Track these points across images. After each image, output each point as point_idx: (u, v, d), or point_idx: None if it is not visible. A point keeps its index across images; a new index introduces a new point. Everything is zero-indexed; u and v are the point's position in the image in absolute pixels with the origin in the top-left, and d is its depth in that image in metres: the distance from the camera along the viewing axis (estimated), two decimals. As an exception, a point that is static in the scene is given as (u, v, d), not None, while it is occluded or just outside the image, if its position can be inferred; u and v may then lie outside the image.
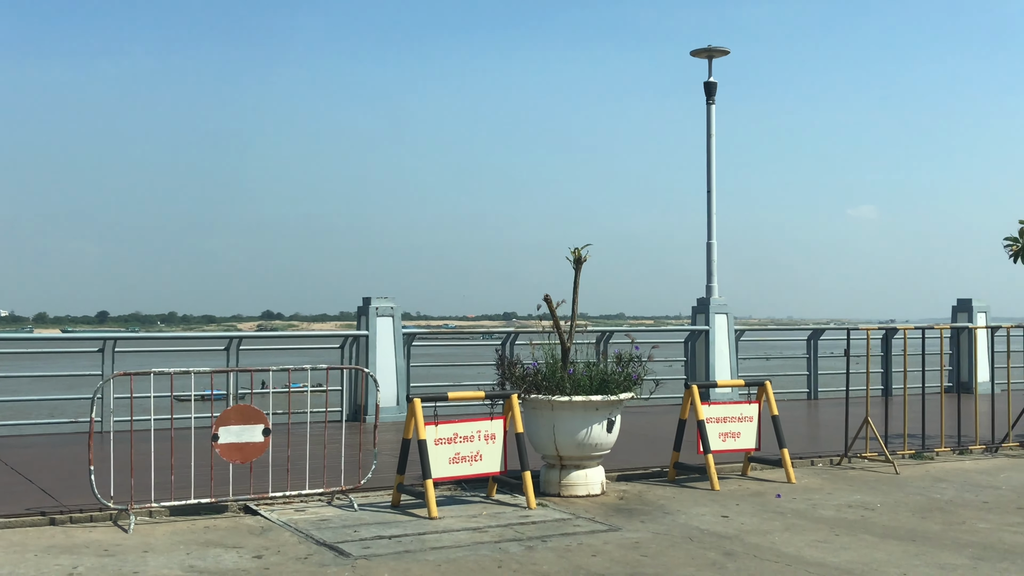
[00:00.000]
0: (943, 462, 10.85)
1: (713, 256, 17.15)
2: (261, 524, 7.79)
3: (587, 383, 8.86)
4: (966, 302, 19.06)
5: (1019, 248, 11.82)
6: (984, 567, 6.55)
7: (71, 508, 7.96)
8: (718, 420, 9.69)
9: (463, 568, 6.50)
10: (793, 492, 9.13)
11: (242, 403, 8.54)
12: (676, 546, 7.11)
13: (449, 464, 8.37)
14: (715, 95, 17.12)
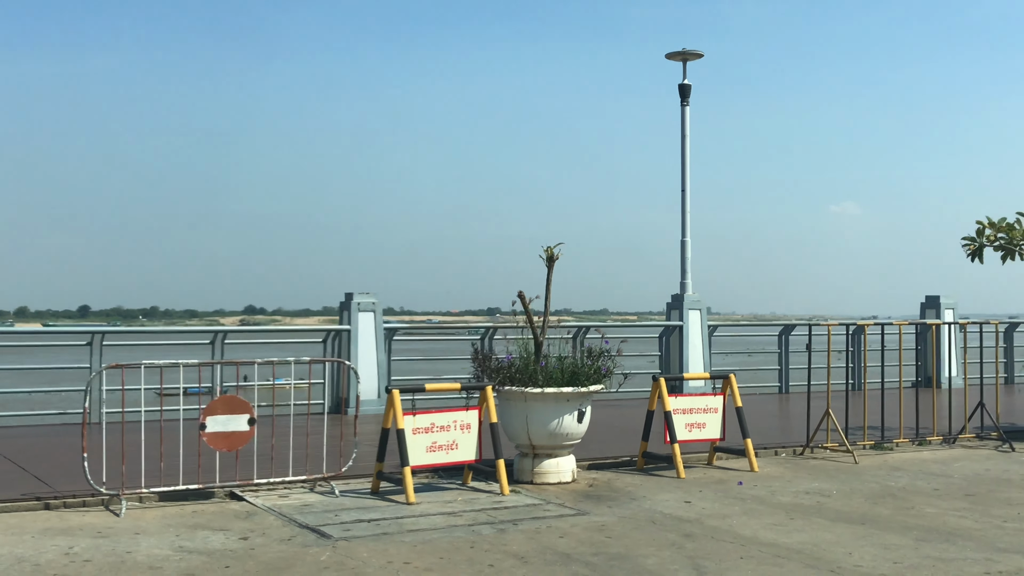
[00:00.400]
0: (901, 453, 11.33)
1: (687, 254, 17.60)
2: (246, 509, 8.18)
3: (559, 376, 9.29)
4: (934, 299, 19.60)
5: (976, 247, 12.29)
6: (925, 547, 7.01)
7: (65, 494, 8.33)
8: (684, 411, 10.13)
9: (438, 548, 6.91)
10: (755, 480, 9.58)
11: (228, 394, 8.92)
12: (639, 529, 7.54)
13: (426, 452, 8.78)
14: (689, 97, 17.57)
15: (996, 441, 11.94)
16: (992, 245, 12.26)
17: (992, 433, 12.07)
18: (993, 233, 12.17)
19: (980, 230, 12.27)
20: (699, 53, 17.43)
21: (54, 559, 6.58)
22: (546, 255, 9.57)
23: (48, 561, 6.53)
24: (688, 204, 17.65)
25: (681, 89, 17.67)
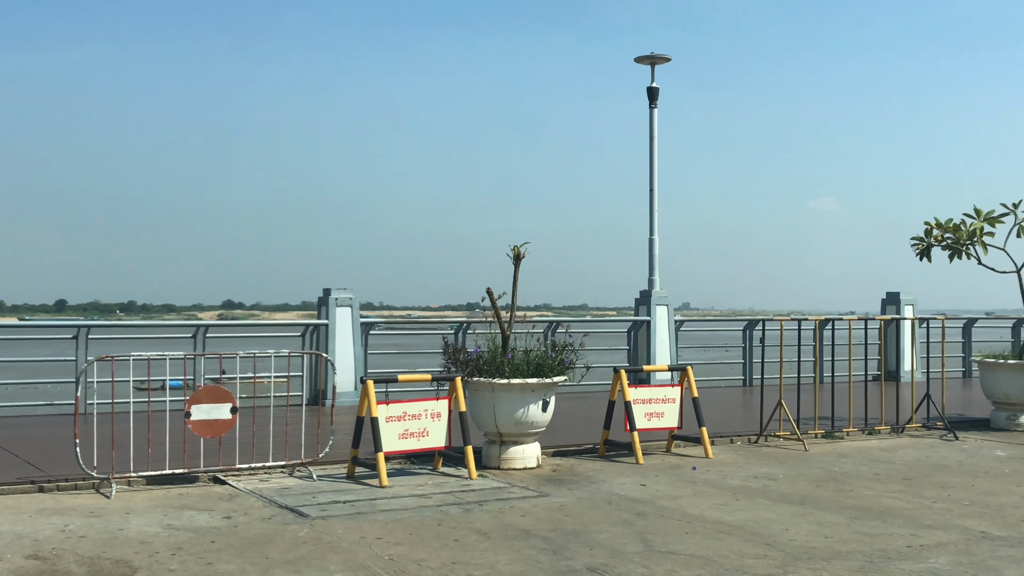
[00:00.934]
0: (851, 441, 11.98)
1: (655, 251, 18.21)
2: (229, 492, 8.71)
3: (524, 367, 9.86)
4: (895, 295, 20.28)
5: (924, 247, 12.95)
6: (857, 524, 7.62)
7: (57, 478, 8.84)
8: (644, 401, 10.73)
9: (408, 526, 7.47)
10: (708, 465, 10.19)
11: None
12: (596, 508, 8.12)
13: (399, 439, 9.34)
14: (657, 100, 18.17)
15: (942, 431, 12.60)
16: (940, 245, 12.92)
17: (938, 423, 12.73)
18: (940, 233, 12.83)
19: (928, 231, 12.93)
20: (667, 57, 18.02)
21: (51, 535, 7.10)
22: (513, 254, 10.14)
23: (46, 537, 7.05)
24: (656, 203, 18.25)
25: (649, 92, 18.27)
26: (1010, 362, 12.94)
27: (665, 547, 6.89)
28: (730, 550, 6.80)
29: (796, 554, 6.72)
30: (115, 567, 6.32)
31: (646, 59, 18.09)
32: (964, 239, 12.71)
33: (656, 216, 18.26)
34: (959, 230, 12.70)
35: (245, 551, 6.73)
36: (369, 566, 6.36)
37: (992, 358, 13.25)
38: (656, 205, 18.22)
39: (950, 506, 8.31)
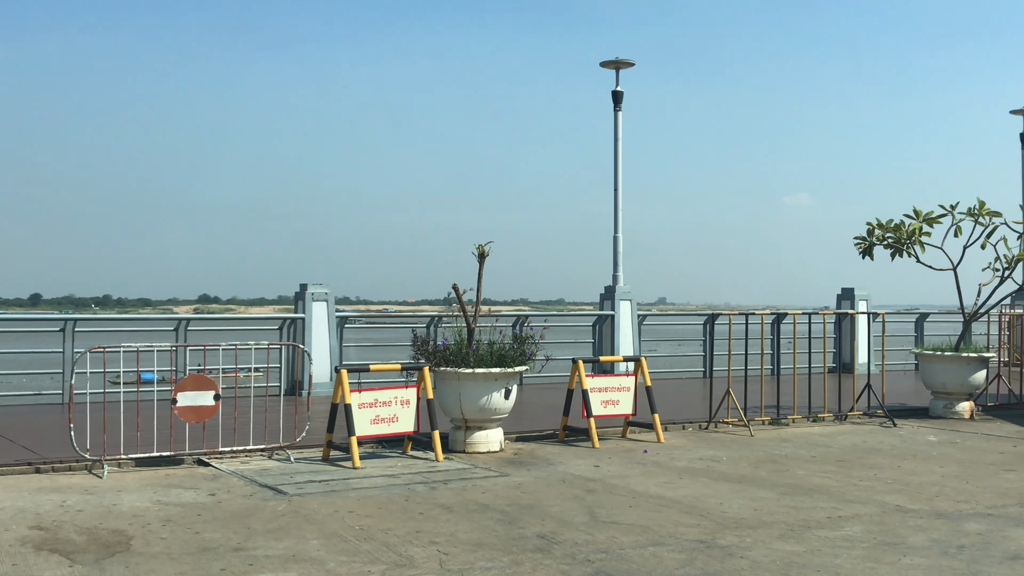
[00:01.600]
0: (795, 428, 12.79)
1: (619, 248, 18.97)
2: (213, 472, 9.41)
3: (488, 358, 10.60)
4: (849, 291, 21.13)
5: (867, 246, 13.77)
6: (786, 499, 8.41)
7: (52, 460, 9.50)
8: (600, 390, 11.49)
9: (377, 501, 8.19)
10: (659, 449, 10.96)
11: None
12: (551, 486, 8.87)
13: (371, 424, 10.06)
14: (622, 103, 18.93)
15: (882, 418, 13.43)
16: (881, 244, 13.74)
17: (879, 411, 13.56)
18: (882, 233, 13.64)
19: (870, 230, 13.74)
20: (631, 62, 18.78)
21: (51, 510, 7.78)
22: (478, 252, 10.86)
23: (46, 511, 7.72)
24: (620, 203, 19.02)
25: (614, 95, 19.03)
26: (947, 354, 13.78)
27: (609, 518, 7.64)
28: (667, 520, 7.57)
29: (726, 523, 7.49)
30: (112, 536, 7.01)
31: (611, 64, 18.85)
32: (904, 238, 13.52)
33: (620, 215, 19.03)
34: (899, 230, 13.52)
35: (229, 522, 7.43)
36: (341, 534, 7.08)
37: (930, 350, 14.11)
38: (620, 204, 18.99)
39: (874, 484, 9.11)
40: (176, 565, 6.28)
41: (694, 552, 6.65)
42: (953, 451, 11.09)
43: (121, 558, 6.44)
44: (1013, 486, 9.09)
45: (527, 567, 6.27)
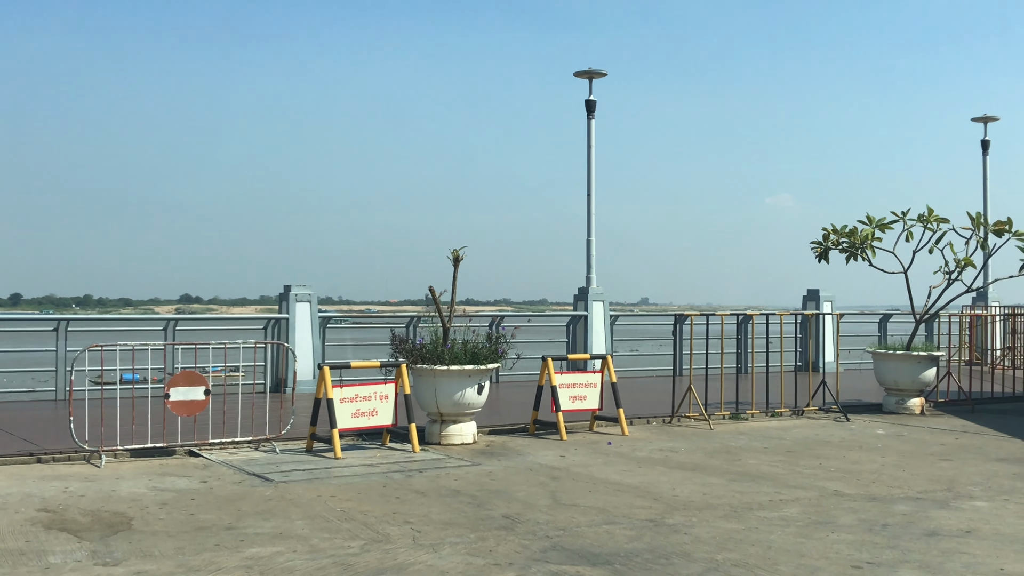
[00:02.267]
0: (753, 422, 13.53)
1: (592, 251, 19.66)
2: (204, 462, 10.06)
3: (462, 356, 11.28)
4: (814, 292, 21.92)
5: (822, 250, 14.52)
6: (734, 485, 9.13)
7: (52, 451, 10.13)
8: (568, 386, 12.19)
9: (357, 488, 8.87)
10: (623, 441, 11.68)
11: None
12: (518, 474, 9.57)
13: (351, 418, 10.73)
14: (595, 112, 19.65)
15: (837, 413, 14.18)
16: (837, 248, 14.50)
17: (833, 407, 14.32)
18: (836, 238, 14.40)
19: (826, 235, 14.50)
20: (603, 72, 19.50)
21: (55, 495, 8.42)
22: (452, 257, 11.55)
23: (51, 496, 8.37)
24: (593, 207, 19.72)
25: (587, 104, 19.74)
26: (898, 353, 14.56)
27: (570, 501, 8.35)
28: (622, 503, 8.28)
29: (675, 506, 8.20)
30: (113, 517, 7.67)
31: (584, 74, 19.56)
32: (858, 243, 14.28)
33: (593, 220, 19.73)
34: (853, 235, 14.28)
35: (221, 506, 8.09)
36: (324, 516, 7.76)
37: (883, 350, 14.88)
38: (593, 209, 19.69)
39: (817, 472, 9.85)
40: (175, 541, 6.94)
41: (643, 529, 7.36)
42: (897, 443, 11.85)
43: (124, 536, 7.09)
44: (945, 474, 9.85)
45: (491, 542, 6.97)
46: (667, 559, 6.53)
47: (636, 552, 6.70)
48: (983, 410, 15.10)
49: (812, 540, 7.09)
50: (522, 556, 6.59)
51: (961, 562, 6.53)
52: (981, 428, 13.14)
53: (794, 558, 6.59)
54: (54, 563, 6.37)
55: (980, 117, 24.98)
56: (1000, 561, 6.57)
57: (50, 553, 6.61)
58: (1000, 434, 12.61)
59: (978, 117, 24.98)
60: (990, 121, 24.97)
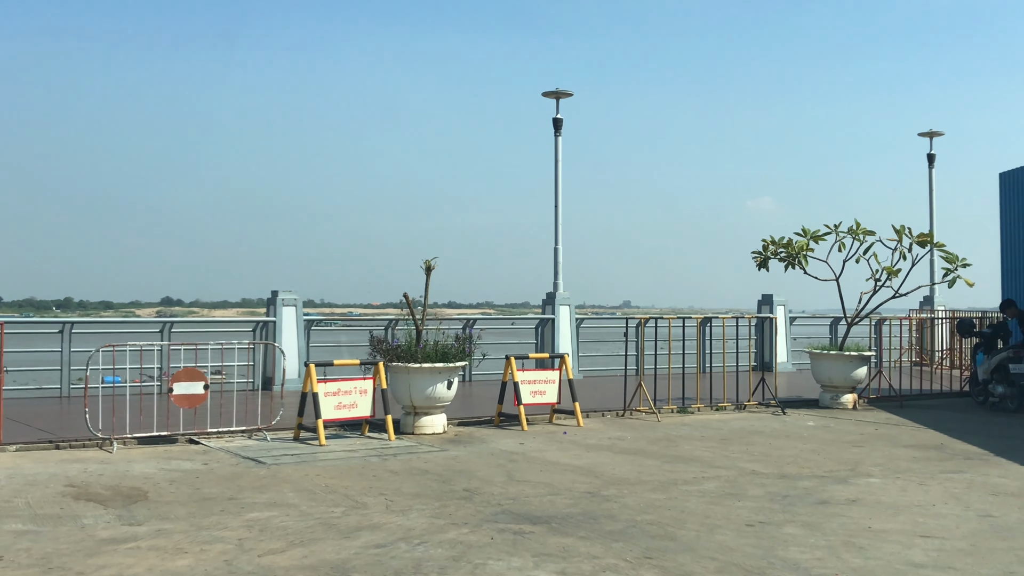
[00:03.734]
0: (698, 415, 14.95)
1: (559, 259, 21.08)
2: (203, 449, 11.39)
3: (433, 355, 12.65)
4: (768, 296, 23.40)
5: (762, 259, 15.97)
6: (666, 465, 10.54)
7: (68, 439, 11.44)
8: (529, 382, 13.58)
9: (339, 468, 10.23)
10: (577, 431, 13.06)
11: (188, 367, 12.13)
12: (480, 458, 10.95)
13: (334, 410, 12.08)
14: (561, 129, 21.08)
15: (775, 407, 15.62)
16: (776, 257, 15.95)
17: (772, 401, 15.76)
18: (775, 248, 15.85)
19: (765, 246, 15.95)
20: (569, 92, 20.92)
21: (77, 474, 9.74)
22: (424, 266, 12.92)
23: (74, 475, 9.69)
24: (560, 218, 21.15)
25: (555, 122, 21.16)
26: (831, 353, 16.01)
27: (522, 478, 9.73)
28: (567, 479, 9.67)
29: (612, 482, 9.60)
30: (131, 490, 9.00)
31: (552, 94, 20.97)
32: (794, 253, 15.73)
33: (560, 229, 21.16)
34: (790, 246, 15.73)
35: (222, 482, 9.43)
36: (311, 489, 9.11)
37: (819, 350, 16.34)
38: (560, 220, 21.12)
39: (742, 456, 11.27)
40: (186, 508, 8.28)
41: (580, 499, 8.75)
42: (822, 433, 13.29)
43: (142, 504, 8.43)
44: (854, 457, 11.28)
45: (452, 508, 8.34)
46: (595, 520, 7.92)
47: (571, 515, 8.09)
48: (912, 405, 16.57)
49: (719, 507, 8.49)
50: (476, 518, 7.96)
51: (838, 522, 7.95)
52: (902, 420, 14.60)
53: (700, 519, 7.99)
54: (88, 524, 7.70)
55: (926, 132, 26.51)
56: (870, 522, 7.99)
57: (83, 517, 7.94)
58: (917, 425, 14.07)
59: (924, 132, 26.51)
60: (935, 136, 26.50)
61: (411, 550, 6.93)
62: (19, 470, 9.93)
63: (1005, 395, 15.81)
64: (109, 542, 7.14)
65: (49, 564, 6.55)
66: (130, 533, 7.41)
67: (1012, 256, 17.78)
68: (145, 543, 7.10)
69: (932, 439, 12.75)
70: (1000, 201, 18.21)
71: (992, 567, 6.67)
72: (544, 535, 7.39)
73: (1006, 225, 17.99)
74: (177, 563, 6.58)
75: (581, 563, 6.62)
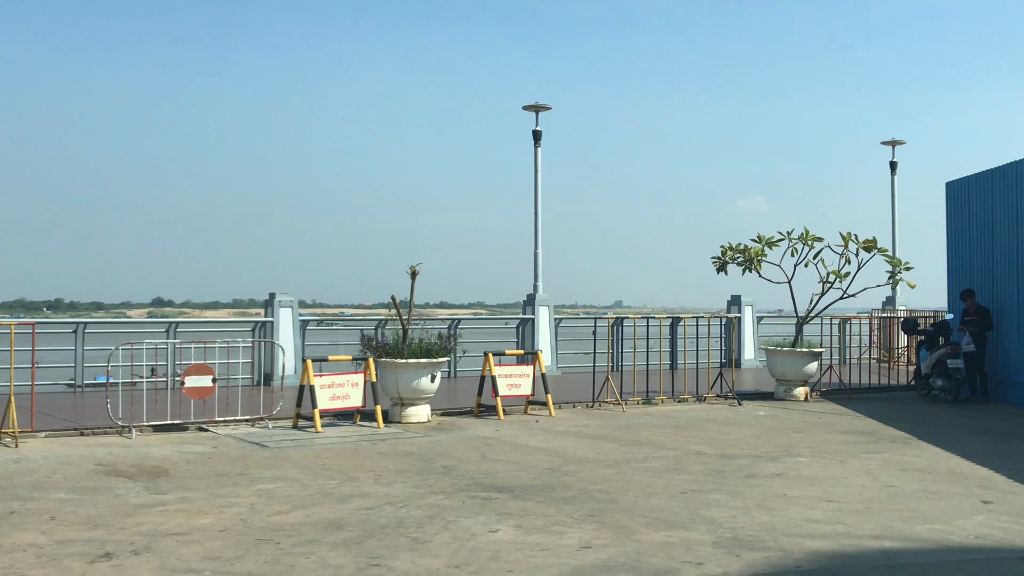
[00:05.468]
0: (661, 406, 16.37)
1: (539, 263, 22.47)
2: (212, 435, 12.77)
3: (418, 351, 14.05)
4: (737, 297, 24.82)
5: (721, 264, 17.39)
6: (623, 448, 11.94)
7: (91, 427, 12.81)
8: (506, 376, 14.99)
9: (334, 451, 11.61)
10: (549, 420, 14.47)
11: (198, 363, 13.51)
12: (459, 442, 12.35)
13: (329, 400, 13.47)
14: (540, 141, 22.48)
15: (732, 399, 17.05)
16: (734, 262, 17.37)
17: (729, 393, 17.19)
18: (732, 254, 17.28)
19: (724, 252, 17.37)
20: (547, 106, 22.35)
21: (103, 456, 11.11)
22: (410, 272, 14.32)
23: (101, 456, 11.06)
24: (540, 225, 22.53)
25: (534, 134, 22.57)
26: (785, 349, 17.44)
27: (494, 458, 11.13)
28: (533, 459, 11.07)
29: (572, 460, 11.00)
30: (153, 468, 10.37)
31: (531, 107, 22.38)
32: (751, 258, 17.16)
33: (540, 235, 22.55)
34: (746, 251, 17.16)
35: (231, 462, 10.82)
36: (309, 467, 10.49)
37: (774, 346, 17.76)
38: (540, 227, 22.51)
39: (692, 440, 12.68)
40: (203, 481, 9.66)
41: (542, 473, 10.16)
42: (769, 421, 14.72)
43: (165, 479, 9.81)
44: (791, 441, 12.71)
45: (431, 481, 9.74)
46: (553, 489, 9.32)
47: (533, 486, 9.49)
48: (859, 398, 18.02)
49: (661, 479, 9.90)
50: (451, 488, 9.36)
51: (759, 491, 9.36)
52: (845, 411, 16.04)
53: (641, 488, 9.39)
54: (121, 494, 9.08)
55: (889, 141, 27.99)
56: (786, 490, 9.41)
57: (116, 488, 9.31)
58: (857, 414, 15.51)
59: (887, 141, 27.99)
60: (897, 144, 27.98)
61: (395, 511, 8.33)
62: (51, 453, 11.29)
63: (944, 388, 17.26)
64: (141, 507, 8.52)
65: (95, 522, 7.93)
66: (158, 500, 8.79)
67: (957, 259, 19.21)
68: (172, 507, 8.49)
69: (866, 426, 14.19)
70: (946, 209, 19.64)
71: (876, 523, 8.09)
72: (507, 500, 8.79)
73: (951, 232, 19.42)
74: (201, 521, 7.97)
75: (535, 520, 8.02)
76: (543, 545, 7.23)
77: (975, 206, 18.51)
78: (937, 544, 7.45)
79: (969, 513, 8.53)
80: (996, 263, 17.62)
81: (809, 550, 7.17)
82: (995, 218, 17.67)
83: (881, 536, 7.65)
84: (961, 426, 14.32)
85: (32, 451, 11.36)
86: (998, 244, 17.53)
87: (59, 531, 7.66)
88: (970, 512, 8.57)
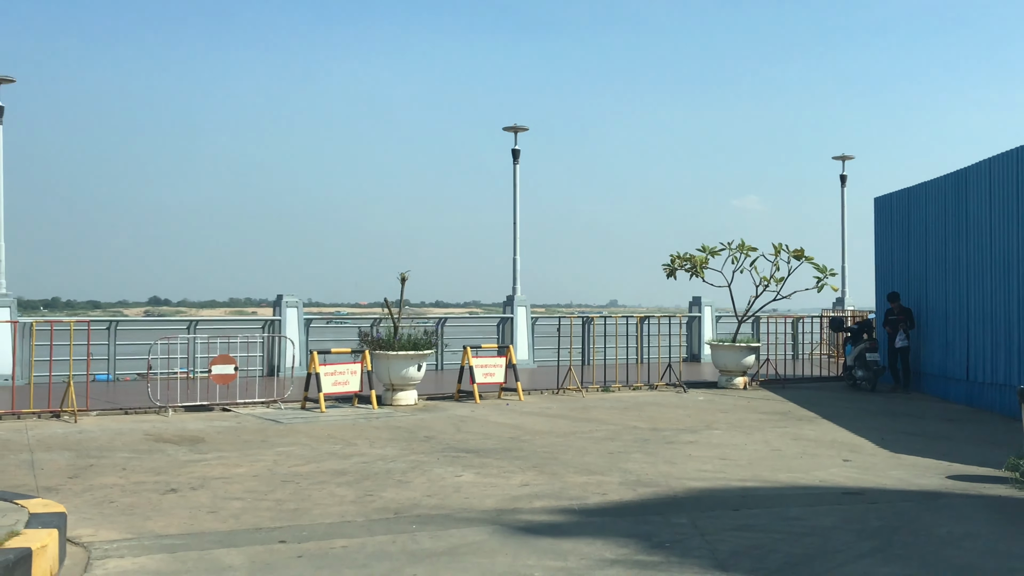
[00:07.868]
0: (617, 393, 18.98)
1: (517, 267, 25.09)
2: (234, 414, 15.35)
3: (407, 345, 16.65)
4: (698, 298, 27.44)
5: (670, 270, 20.00)
6: (574, 424, 14.52)
7: (134, 407, 15.39)
8: (482, 366, 17.59)
9: (336, 425, 14.20)
10: (518, 404, 17.07)
11: (221, 355, 16.12)
12: (440, 420, 14.94)
13: (332, 386, 16.07)
14: (519, 160, 25.10)
15: (679, 387, 19.66)
16: (682, 269, 19.99)
17: (677, 382, 19.80)
18: (680, 262, 19.89)
19: (673, 259, 19.99)
20: (525, 127, 24.95)
21: (149, 428, 13.69)
22: (400, 278, 16.92)
23: (147, 428, 13.64)
24: (519, 232, 25.15)
25: (513, 153, 25.17)
26: (726, 344, 20.05)
27: (467, 430, 13.73)
28: (499, 431, 13.67)
29: (529, 432, 13.60)
30: (192, 438, 12.96)
31: (510, 128, 24.98)
32: (698, 264, 19.78)
33: (519, 241, 25.17)
34: (692, 259, 19.77)
35: (253, 433, 13.41)
36: (317, 436, 13.08)
37: (717, 341, 20.37)
38: (519, 234, 25.13)
39: (632, 417, 15.28)
40: (233, 446, 12.25)
41: (504, 440, 12.76)
42: (705, 404, 17.33)
43: (203, 444, 12.40)
44: (714, 419, 15.30)
45: (415, 445, 12.33)
46: (509, 451, 11.93)
47: (495, 449, 12.09)
48: (793, 387, 20.62)
49: (596, 445, 12.50)
50: (430, 450, 11.96)
51: (670, 452, 11.96)
52: (774, 396, 18.66)
53: (579, 450, 12.00)
54: (171, 453, 11.67)
55: (840, 156, 30.60)
56: (692, 452, 12.00)
57: (165, 451, 11.90)
58: (782, 399, 18.12)
59: (838, 156, 30.60)
60: (847, 159, 30.60)
61: (385, 464, 10.94)
62: (106, 426, 13.88)
63: (864, 377, 19.88)
64: (189, 461, 11.11)
65: (158, 471, 10.52)
66: (201, 458, 11.39)
67: (883, 267, 21.82)
68: (213, 462, 11.08)
69: (785, 408, 16.80)
70: (874, 221, 22.23)
71: (750, 472, 10.69)
72: (472, 458, 11.40)
73: (879, 242, 22.02)
74: (238, 470, 10.56)
75: (491, 469, 10.63)
76: (494, 484, 9.83)
77: (897, 219, 21.12)
78: (787, 485, 10.05)
79: (827, 467, 11.13)
80: (912, 269, 20.24)
81: (689, 488, 9.77)
82: (911, 230, 20.28)
83: (748, 480, 10.26)
84: (866, 409, 16.94)
85: (90, 425, 13.95)
86: (913, 252, 20.15)
87: (133, 476, 10.25)
88: (828, 466, 11.16)
